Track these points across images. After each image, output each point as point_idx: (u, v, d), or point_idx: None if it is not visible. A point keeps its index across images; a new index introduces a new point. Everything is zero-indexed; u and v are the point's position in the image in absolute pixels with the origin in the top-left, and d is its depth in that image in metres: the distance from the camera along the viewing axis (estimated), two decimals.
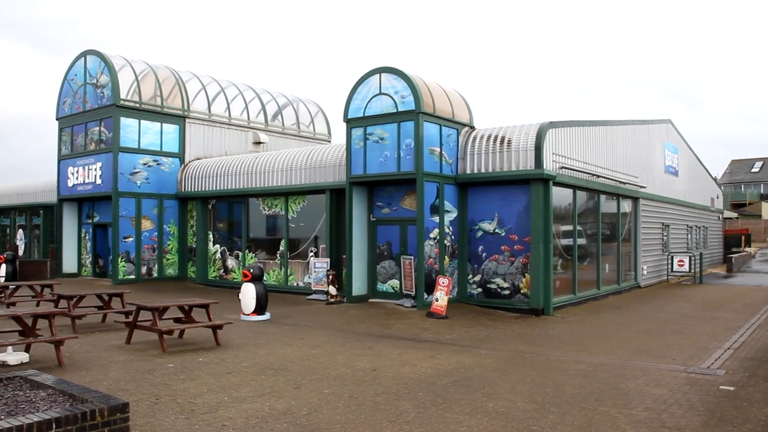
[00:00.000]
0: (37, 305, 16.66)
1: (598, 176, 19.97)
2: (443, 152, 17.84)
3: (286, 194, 21.82)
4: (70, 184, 26.73)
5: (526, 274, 16.98)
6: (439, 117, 17.71)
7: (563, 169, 17.77)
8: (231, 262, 23.80)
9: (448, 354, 11.35)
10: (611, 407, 7.85)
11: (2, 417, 6.21)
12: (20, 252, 32.13)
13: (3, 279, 23.76)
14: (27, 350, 10.69)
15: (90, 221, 27.13)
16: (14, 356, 10.23)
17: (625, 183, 22.13)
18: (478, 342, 12.74)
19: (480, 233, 17.96)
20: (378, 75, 18.06)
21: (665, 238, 27.48)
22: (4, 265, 25.07)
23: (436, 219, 17.47)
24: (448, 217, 17.90)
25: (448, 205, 17.85)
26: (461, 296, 18.08)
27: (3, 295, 17.75)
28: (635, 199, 23.82)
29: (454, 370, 9.97)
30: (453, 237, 18.05)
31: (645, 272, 24.51)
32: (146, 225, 24.97)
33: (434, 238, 17.39)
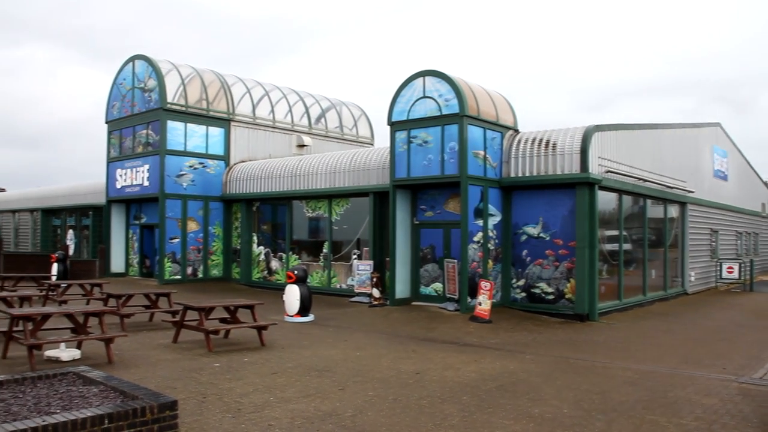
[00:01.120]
0: (87, 303, 17.04)
1: (645, 180, 19.67)
2: (487, 155, 17.76)
3: (330, 197, 21.94)
4: (118, 186, 27.26)
5: (571, 279, 16.80)
6: (483, 120, 17.64)
7: (609, 173, 17.55)
8: (275, 264, 24.01)
9: (492, 358, 11.29)
10: (660, 416, 7.72)
11: (58, 411, 6.37)
12: (70, 252, 32.84)
13: (54, 277, 24.31)
14: (78, 347, 10.93)
15: (137, 222, 27.63)
16: (67, 352, 10.46)
17: (672, 188, 21.76)
18: (523, 347, 12.64)
19: (524, 237, 17.83)
20: (422, 78, 18.06)
21: (714, 244, 26.94)
22: (55, 264, 25.66)
23: (480, 222, 17.40)
24: (492, 221, 17.81)
25: (492, 209, 17.76)
26: (505, 300, 17.96)
27: (55, 293, 18.17)
28: (683, 204, 23.40)
29: (498, 374, 9.91)
30: (497, 241, 17.95)
31: (693, 279, 24.05)
32: (192, 226, 25.33)
33: (478, 242, 17.32)
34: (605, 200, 17.82)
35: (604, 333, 14.65)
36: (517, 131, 18.83)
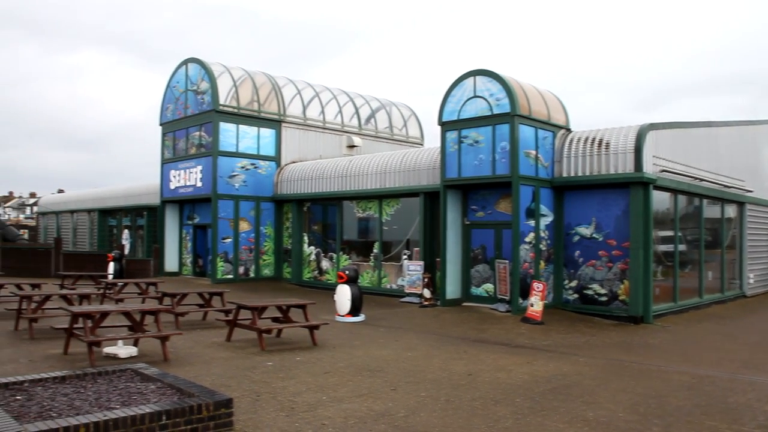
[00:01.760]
0: (143, 302, 17.41)
1: (701, 180, 19.23)
2: (539, 155, 17.59)
3: (380, 197, 21.99)
4: (172, 187, 27.77)
5: (625, 281, 16.52)
6: (534, 119, 17.48)
7: (664, 173, 17.20)
8: (325, 264, 24.17)
9: (545, 360, 11.18)
10: (719, 422, 7.54)
11: (117, 406, 6.53)
12: (126, 251, 33.57)
13: (111, 276, 24.88)
14: (135, 344, 11.17)
15: (190, 222, 28.10)
16: (124, 350, 10.70)
17: (729, 187, 21.23)
18: (576, 349, 12.49)
19: (577, 238, 17.61)
20: (472, 78, 17.97)
21: None
22: (112, 264, 26.24)
23: (532, 223, 17.24)
24: (544, 221, 17.63)
25: (543, 209, 17.59)
26: (557, 302, 17.76)
27: (112, 291, 18.60)
28: (741, 204, 22.81)
29: (551, 377, 9.81)
30: (549, 241, 17.76)
31: (752, 281, 23.42)
32: (244, 226, 25.66)
33: (530, 242, 17.16)
34: (660, 200, 17.48)
35: (659, 336, 14.38)
36: (569, 130, 18.61)
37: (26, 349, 11.30)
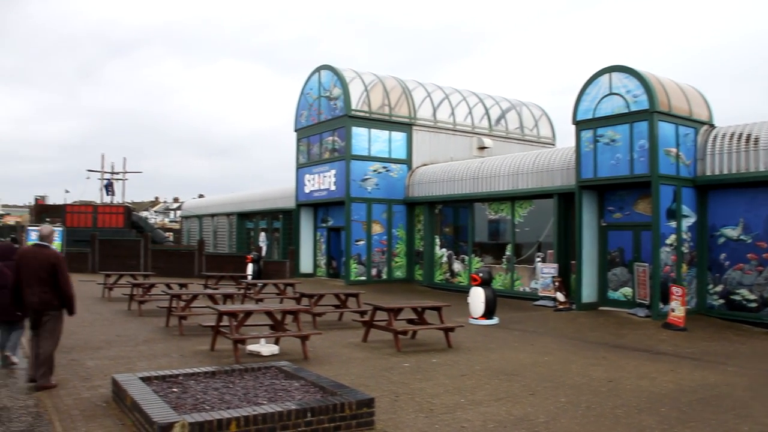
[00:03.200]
0: (281, 302, 18.03)
1: None
2: (680, 153, 16.83)
3: (512, 199, 21.73)
4: (306, 191, 28.62)
5: None
6: (674, 116, 16.73)
7: None
8: (457, 266, 24.15)
9: (690, 369, 10.68)
10: None
11: (264, 402, 6.81)
12: (263, 253, 34.88)
13: (250, 277, 25.93)
14: (276, 343, 11.59)
15: (324, 225, 28.84)
16: (266, 348, 11.13)
17: None
18: (723, 358, 11.84)
19: (722, 240, 16.70)
20: (608, 75, 17.44)
21: None
22: (250, 265, 27.39)
23: (673, 224, 16.52)
24: (686, 222, 16.85)
25: (685, 209, 16.81)
26: (700, 307, 16.91)
27: (252, 291, 19.38)
28: None
29: (698, 386, 9.35)
30: (691, 243, 16.96)
31: None
32: (376, 229, 26.06)
33: (671, 245, 16.45)
34: None
35: None
36: (712, 126, 17.68)
37: (177, 345, 11.97)
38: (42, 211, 43.46)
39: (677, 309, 15.02)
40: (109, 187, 55.73)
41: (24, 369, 9.41)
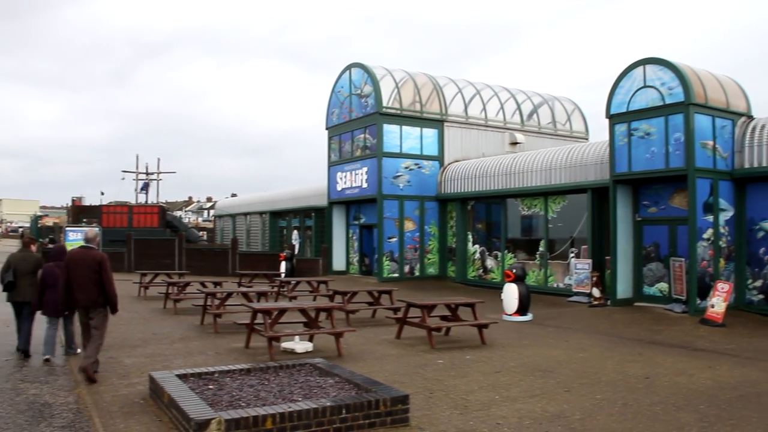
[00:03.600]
0: (314, 299, 18.10)
1: None
2: (717, 145, 16.55)
3: (546, 194, 21.55)
4: (338, 188, 28.69)
5: None
6: (711, 107, 16.46)
7: None
8: (490, 262, 24.04)
9: (729, 365, 10.50)
10: None
11: (299, 399, 6.84)
12: (296, 251, 35.08)
13: (283, 275, 26.09)
14: (310, 340, 11.64)
15: (356, 222, 28.89)
16: (300, 345, 11.18)
17: None
18: (763, 354, 11.61)
19: (761, 234, 16.39)
20: (642, 67, 17.21)
21: None
22: (283, 263, 27.56)
23: (710, 218, 16.25)
24: (723, 216, 16.57)
25: (723, 203, 16.53)
26: (738, 303, 16.62)
27: (285, 289, 19.49)
28: None
29: (738, 383, 9.18)
30: (729, 238, 16.68)
31: None
32: (408, 226, 26.04)
33: (708, 239, 16.19)
34: None
35: None
36: (751, 117, 17.35)
37: (212, 342, 12.08)
38: (79, 212, 44.20)
39: (718, 305, 14.76)
40: (144, 188, 56.71)
41: (60, 366, 9.64)
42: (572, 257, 20.49)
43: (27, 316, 10.68)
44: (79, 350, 10.51)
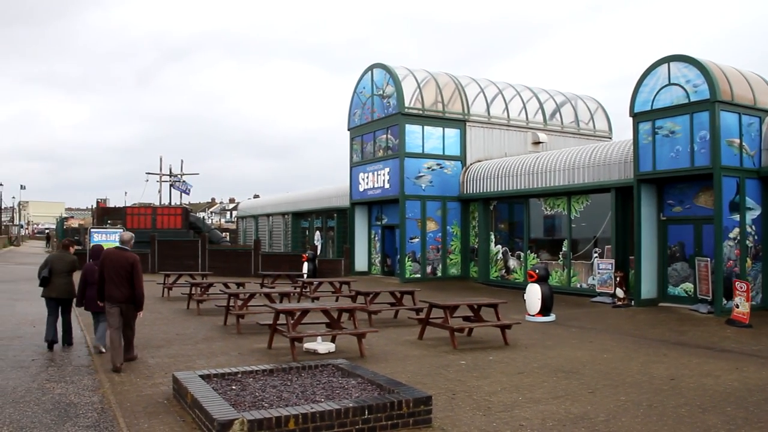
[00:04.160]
0: (336, 300, 18.12)
1: None
2: (743, 143, 16.34)
3: (569, 194, 21.41)
4: (361, 189, 28.71)
5: None
6: (737, 105, 16.25)
7: None
8: (512, 263, 23.93)
9: (757, 367, 10.35)
10: None
11: (322, 400, 6.84)
12: (318, 251, 35.15)
13: (306, 275, 26.14)
14: (333, 340, 11.65)
15: (379, 223, 28.90)
16: (323, 345, 11.19)
17: None
18: None
19: None
20: (666, 65, 17.03)
21: None
22: (306, 263, 27.61)
23: (736, 217, 16.05)
24: (750, 215, 16.35)
25: (750, 202, 16.31)
26: (767, 303, 16.39)
27: (308, 290, 19.52)
28: None
29: (765, 385, 9.04)
30: (756, 237, 16.45)
31: None
32: (431, 226, 26.00)
33: (734, 239, 15.99)
34: None
35: None
36: None
37: (235, 343, 12.13)
38: (103, 214, 44.66)
39: (741, 305, 14.58)
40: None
41: (86, 366, 9.73)
42: (596, 257, 20.33)
43: (63, 312, 11.39)
44: (103, 349, 10.76)
